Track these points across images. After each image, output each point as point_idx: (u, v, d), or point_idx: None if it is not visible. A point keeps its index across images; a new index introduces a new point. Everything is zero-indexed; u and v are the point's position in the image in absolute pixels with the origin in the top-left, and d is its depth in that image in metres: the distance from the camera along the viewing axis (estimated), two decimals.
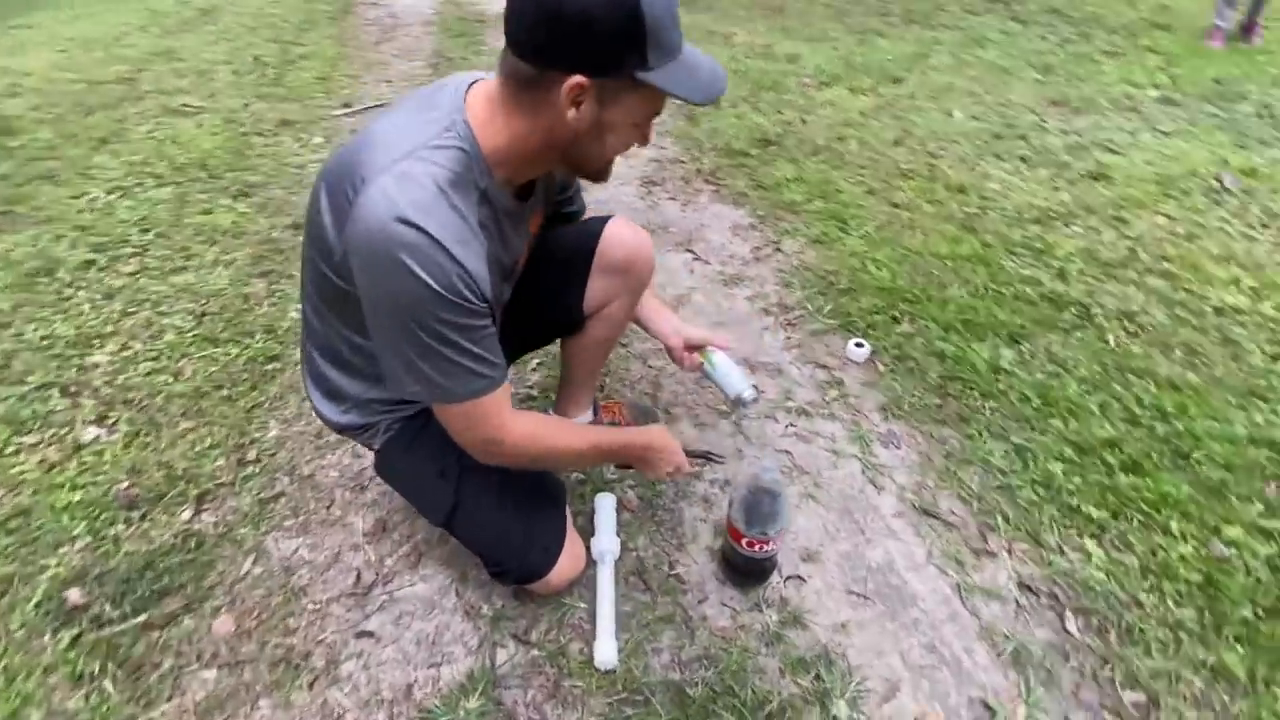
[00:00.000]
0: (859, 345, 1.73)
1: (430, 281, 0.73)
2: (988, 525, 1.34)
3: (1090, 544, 1.29)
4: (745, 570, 1.19)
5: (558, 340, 1.38)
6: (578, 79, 0.70)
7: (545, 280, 1.14)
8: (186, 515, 1.34)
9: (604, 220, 1.20)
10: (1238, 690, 1.06)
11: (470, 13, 5.54)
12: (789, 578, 1.24)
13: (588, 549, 1.21)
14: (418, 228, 0.71)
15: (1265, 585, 1.21)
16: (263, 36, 4.74)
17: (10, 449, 1.47)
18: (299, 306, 1.93)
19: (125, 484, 1.39)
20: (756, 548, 1.11)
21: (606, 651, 1.08)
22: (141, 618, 1.15)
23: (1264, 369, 1.71)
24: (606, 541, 1.23)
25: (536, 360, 1.74)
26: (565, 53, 0.70)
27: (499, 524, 1.07)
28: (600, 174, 0.88)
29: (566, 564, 1.12)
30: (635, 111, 0.77)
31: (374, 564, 1.27)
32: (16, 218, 2.32)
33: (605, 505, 1.30)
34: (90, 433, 1.52)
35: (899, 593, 1.22)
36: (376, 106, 3.50)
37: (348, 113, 3.42)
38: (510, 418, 0.90)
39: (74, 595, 1.18)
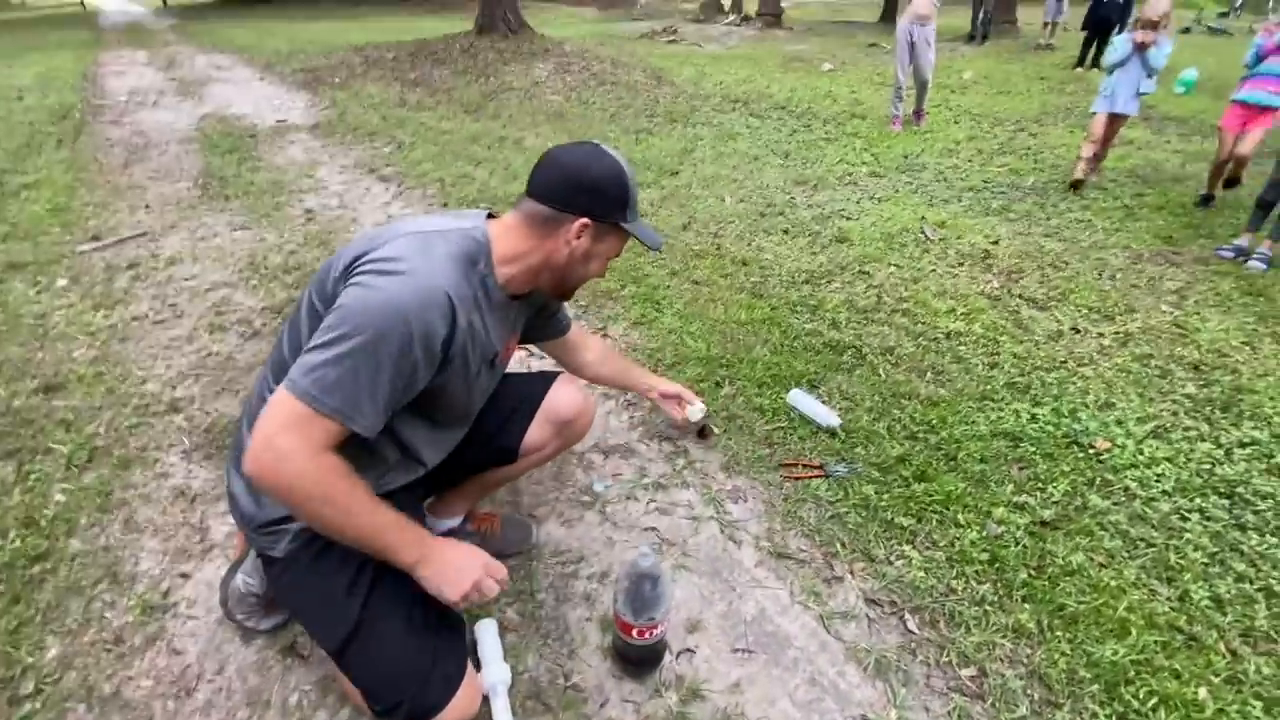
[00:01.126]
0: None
1: (416, 315, 0.89)
2: (830, 553, 1.53)
3: (908, 549, 1.54)
4: (639, 660, 1.22)
5: None
6: (585, 220, 1.03)
7: (490, 418, 1.28)
8: None
9: (554, 375, 1.40)
10: (1034, 641, 1.33)
11: (238, 127, 5.23)
12: (680, 653, 1.29)
13: None
14: (433, 271, 0.92)
15: (1030, 549, 1.53)
16: None
17: None
18: (64, 486, 1.64)
19: None
20: (647, 635, 1.15)
21: None
22: None
23: (986, 376, 2.20)
24: (496, 671, 1.18)
25: None
26: (581, 202, 1.03)
27: (401, 649, 0.99)
28: (570, 293, 1.16)
29: (464, 700, 1.05)
30: (611, 249, 1.11)
31: None
32: None
33: (487, 633, 1.26)
34: None
35: (775, 638, 1.33)
36: (137, 236, 3.12)
37: (98, 246, 3.00)
38: (323, 449, 0.89)
39: None
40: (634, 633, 1.14)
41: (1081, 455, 1.84)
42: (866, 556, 1.52)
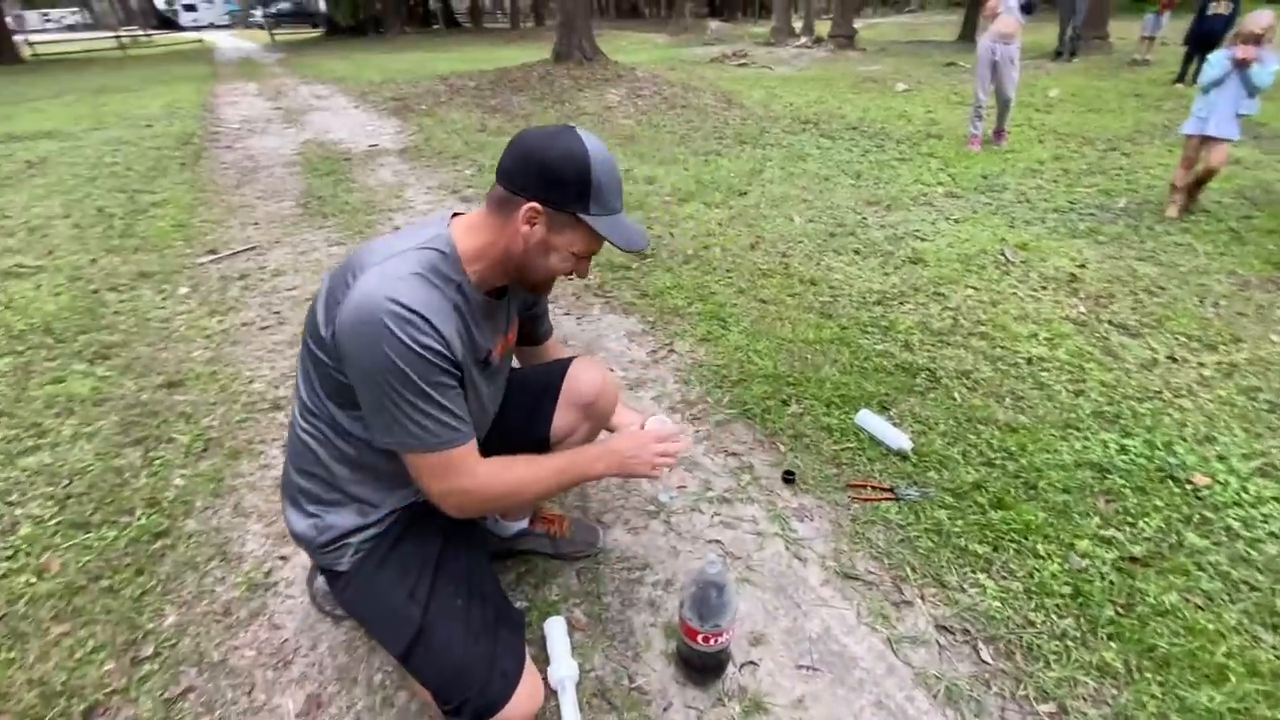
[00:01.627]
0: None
1: (408, 341, 0.90)
2: (900, 577, 1.50)
3: (983, 577, 1.49)
4: (703, 667, 1.24)
5: None
6: (534, 204, 0.96)
7: (516, 412, 1.30)
8: None
9: (569, 360, 1.37)
10: (1121, 681, 1.26)
11: (335, 152, 5.64)
12: (743, 665, 1.30)
13: (544, 679, 1.20)
14: (397, 301, 0.91)
15: (1117, 586, 1.45)
16: (104, 187, 4.51)
17: None
18: (183, 472, 1.81)
19: None
20: (712, 642, 1.17)
21: None
22: None
23: (1071, 404, 2.10)
24: (564, 667, 1.23)
25: None
26: (531, 185, 0.96)
27: (463, 649, 1.04)
28: (539, 286, 1.10)
29: (525, 695, 1.09)
30: (574, 243, 1.02)
31: None
32: None
33: (556, 630, 1.31)
34: None
35: (841, 658, 1.32)
36: (247, 250, 3.43)
37: (214, 259, 3.32)
38: (475, 466, 1.02)
39: None
40: (699, 639, 1.16)
41: (1177, 490, 1.73)
42: (938, 582, 1.48)
